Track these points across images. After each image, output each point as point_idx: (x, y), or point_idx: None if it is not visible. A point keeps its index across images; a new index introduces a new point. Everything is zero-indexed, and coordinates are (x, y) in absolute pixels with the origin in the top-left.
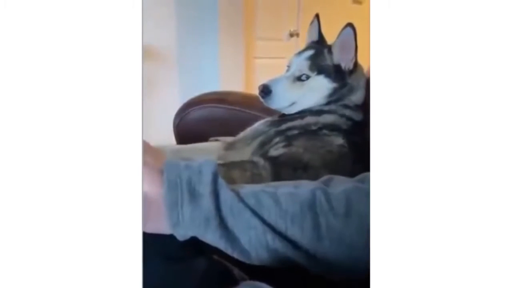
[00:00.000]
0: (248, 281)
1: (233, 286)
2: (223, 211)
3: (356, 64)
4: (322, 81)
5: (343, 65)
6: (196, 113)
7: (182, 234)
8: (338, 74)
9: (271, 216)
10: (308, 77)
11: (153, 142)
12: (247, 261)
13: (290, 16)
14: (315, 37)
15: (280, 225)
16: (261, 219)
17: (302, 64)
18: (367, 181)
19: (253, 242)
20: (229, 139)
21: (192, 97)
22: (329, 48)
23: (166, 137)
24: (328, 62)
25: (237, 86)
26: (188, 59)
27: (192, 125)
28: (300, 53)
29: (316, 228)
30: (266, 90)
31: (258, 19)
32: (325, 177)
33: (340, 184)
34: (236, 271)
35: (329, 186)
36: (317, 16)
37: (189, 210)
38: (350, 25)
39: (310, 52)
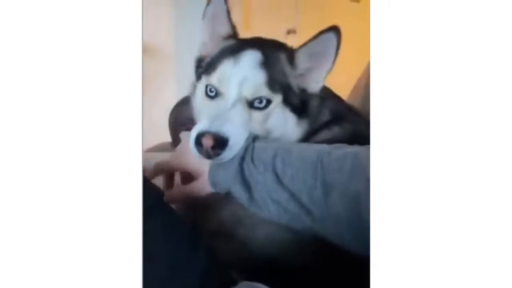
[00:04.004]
0: (246, 281)
1: (231, 287)
2: (246, 171)
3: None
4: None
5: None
6: (192, 110)
7: (219, 189)
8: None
9: (280, 168)
10: (268, 102)
11: (149, 138)
12: (261, 213)
13: (288, 13)
14: (227, 27)
15: (287, 178)
16: (274, 173)
17: (254, 79)
18: (365, 148)
19: (263, 194)
20: None
21: (188, 94)
22: (291, 54)
23: (162, 133)
24: (290, 78)
25: None
26: (185, 56)
27: (187, 122)
28: (232, 54)
29: (322, 185)
30: (222, 142)
31: (256, 16)
32: (330, 146)
33: (344, 147)
34: (234, 272)
35: (333, 150)
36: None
37: (220, 174)
38: (334, 29)
39: (257, 56)
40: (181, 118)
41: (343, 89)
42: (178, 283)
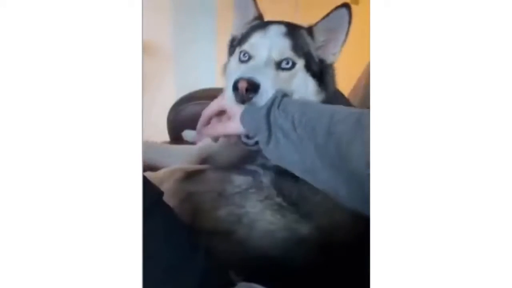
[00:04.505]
0: (244, 282)
1: (230, 287)
2: (271, 117)
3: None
4: (309, 82)
5: (324, 57)
6: (190, 109)
7: (247, 129)
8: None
9: (297, 118)
10: (293, 64)
11: (147, 136)
12: (275, 159)
13: (288, 13)
14: (253, 12)
15: (301, 126)
16: (292, 121)
17: (280, 44)
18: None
19: (281, 139)
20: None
21: (187, 93)
22: (309, 29)
23: (161, 132)
24: (311, 48)
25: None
26: (185, 55)
27: (186, 121)
28: (260, 29)
29: (326, 134)
30: (254, 86)
31: None
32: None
33: (354, 108)
34: (232, 272)
35: (345, 109)
36: None
37: (250, 117)
38: (346, 5)
39: (282, 29)
40: (180, 117)
41: (343, 89)
42: (178, 283)
